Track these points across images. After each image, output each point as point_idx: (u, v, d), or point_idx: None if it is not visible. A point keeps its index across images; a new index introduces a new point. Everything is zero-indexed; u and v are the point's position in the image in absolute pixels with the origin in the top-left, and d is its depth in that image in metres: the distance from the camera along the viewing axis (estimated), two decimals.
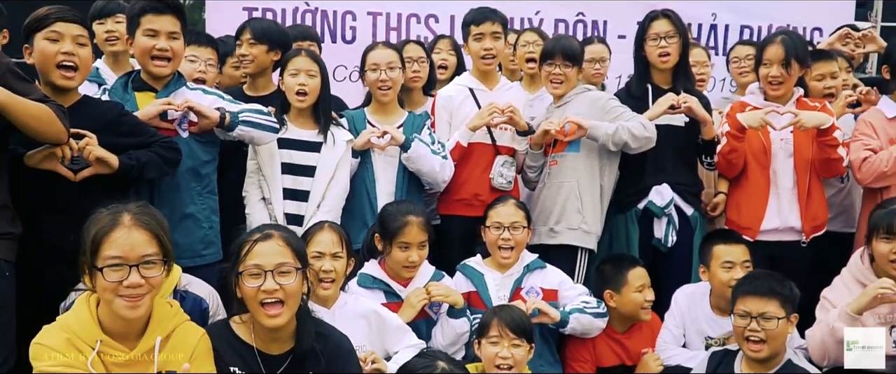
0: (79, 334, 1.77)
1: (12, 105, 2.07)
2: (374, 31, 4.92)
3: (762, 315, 2.35)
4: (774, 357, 2.41)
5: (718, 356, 2.56)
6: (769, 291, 2.40)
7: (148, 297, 1.80)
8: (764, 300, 2.37)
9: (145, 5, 2.70)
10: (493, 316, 2.34)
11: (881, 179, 3.01)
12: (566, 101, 3.06)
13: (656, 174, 3.09)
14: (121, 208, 1.86)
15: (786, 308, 2.38)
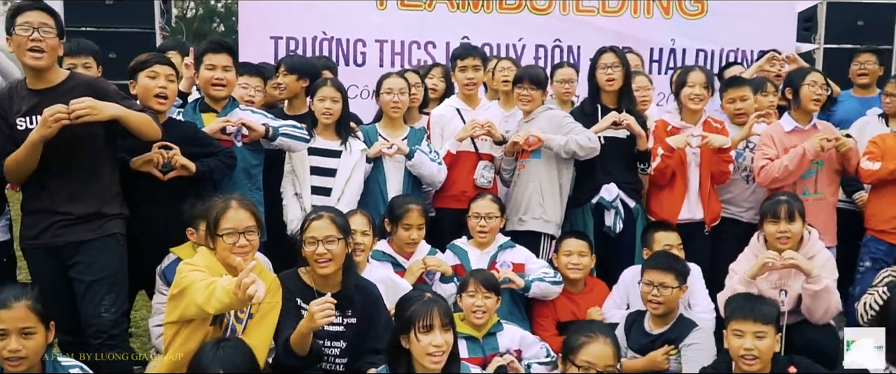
0: (210, 268, 2.58)
1: (127, 115, 2.90)
2: (381, 56, 5.77)
3: (661, 284, 3.15)
4: (670, 314, 3.21)
5: (633, 315, 3.37)
6: (667, 266, 3.20)
7: (250, 253, 2.63)
8: (663, 273, 3.17)
9: (206, 46, 3.57)
10: (470, 277, 3.17)
11: (775, 182, 3.83)
12: (532, 117, 3.89)
13: (605, 176, 3.91)
14: (228, 197, 2.71)
15: (679, 280, 3.17)
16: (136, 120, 2.92)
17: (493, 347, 3.12)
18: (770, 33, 5.96)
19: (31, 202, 2.93)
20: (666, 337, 3.16)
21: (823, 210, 3.97)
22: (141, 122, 2.94)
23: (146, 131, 2.98)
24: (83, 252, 2.86)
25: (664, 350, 3.11)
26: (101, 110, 2.76)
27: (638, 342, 3.22)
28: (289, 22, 5.74)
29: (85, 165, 2.91)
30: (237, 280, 2.26)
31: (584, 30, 5.94)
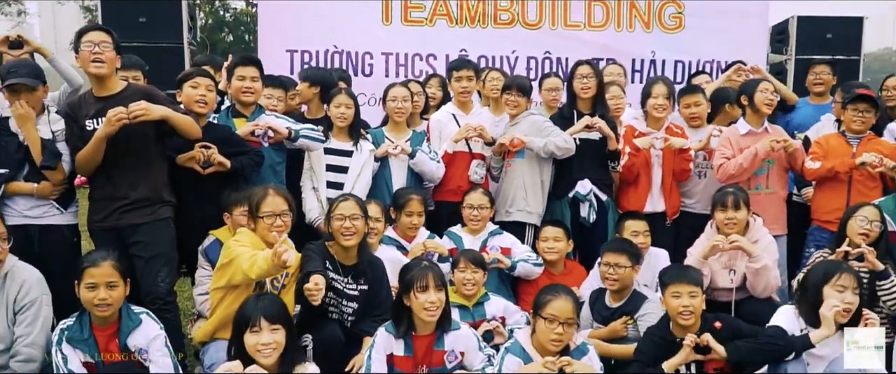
0: (252, 244, 3.17)
1: (173, 115, 3.47)
2: (387, 67, 6.39)
3: (617, 264, 3.70)
4: (625, 290, 3.76)
5: (596, 292, 3.92)
6: (621, 249, 3.74)
7: (285, 231, 3.20)
8: (617, 255, 3.71)
9: (237, 60, 4.18)
10: (460, 255, 3.75)
11: (731, 178, 4.37)
12: (517, 121, 4.47)
13: (580, 172, 4.47)
14: (266, 186, 3.31)
15: (631, 261, 3.70)
16: (180, 120, 3.51)
17: (481, 314, 3.69)
18: (743, 46, 6.53)
19: (97, 191, 3.53)
20: (623, 309, 3.72)
21: (774, 203, 4.53)
22: (184, 122, 3.53)
23: (188, 130, 3.57)
24: (140, 233, 3.44)
25: (622, 321, 3.67)
26: (153, 111, 3.35)
27: (600, 314, 3.79)
28: (303, 36, 6.38)
29: (140, 160, 3.50)
30: (273, 250, 2.85)
31: (572, 43, 6.55)
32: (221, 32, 27.20)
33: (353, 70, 6.27)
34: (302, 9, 6.32)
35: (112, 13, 6.24)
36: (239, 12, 28.03)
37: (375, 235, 3.89)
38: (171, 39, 6.31)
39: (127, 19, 6.18)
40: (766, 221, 4.32)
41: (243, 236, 3.26)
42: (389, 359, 3.08)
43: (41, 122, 3.57)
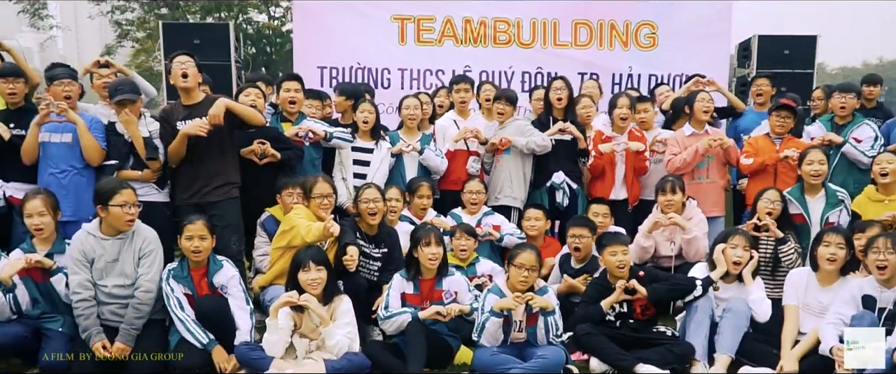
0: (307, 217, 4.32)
1: (234, 105, 4.60)
2: (402, 81, 7.55)
3: (580, 236, 4.81)
4: (586, 255, 4.83)
5: (564, 256, 4.99)
6: (583, 224, 4.85)
7: (330, 209, 4.36)
8: (580, 229, 4.82)
9: (284, 77, 5.36)
10: (457, 227, 4.87)
11: (678, 171, 5.46)
12: (505, 126, 5.59)
13: (555, 166, 5.57)
14: (317, 174, 4.48)
15: (591, 233, 4.81)
16: (240, 109, 4.63)
17: (473, 272, 4.80)
18: (708, 61, 7.60)
19: (183, 177, 4.69)
20: (584, 269, 4.82)
21: (713, 190, 5.63)
22: (245, 111, 4.64)
23: (251, 118, 4.65)
24: (217, 208, 4.58)
25: (582, 278, 4.77)
26: (220, 107, 4.49)
27: (567, 272, 4.89)
28: (331, 55, 7.58)
29: (216, 151, 4.65)
30: (324, 224, 4.04)
31: (560, 60, 7.68)
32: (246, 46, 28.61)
33: (373, 83, 7.44)
34: (330, 32, 7.52)
35: (171, 36, 7.48)
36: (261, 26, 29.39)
37: (395, 213, 5.02)
38: (220, 58, 7.51)
39: (184, 41, 7.38)
40: (707, 204, 5.44)
41: (300, 211, 4.43)
42: (402, 297, 4.21)
43: (140, 124, 4.75)
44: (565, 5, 7.67)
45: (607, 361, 4.07)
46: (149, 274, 4.02)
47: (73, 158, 4.66)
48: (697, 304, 4.22)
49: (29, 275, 4.00)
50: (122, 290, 4.01)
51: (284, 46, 27.65)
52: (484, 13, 7.64)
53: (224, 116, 4.47)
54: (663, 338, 4.23)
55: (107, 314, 4.02)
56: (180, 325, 4.00)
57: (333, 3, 7.53)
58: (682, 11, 7.68)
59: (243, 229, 4.79)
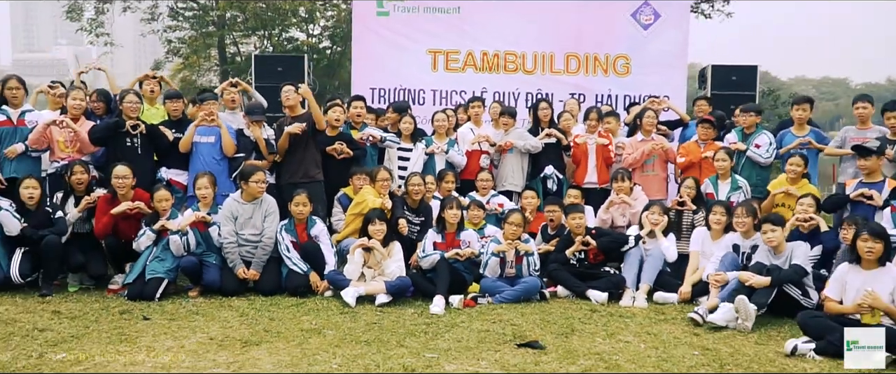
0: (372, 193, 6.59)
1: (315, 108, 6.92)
2: (434, 99, 9.80)
3: (552, 211, 6.97)
4: (558, 225, 6.99)
5: (543, 226, 7.18)
6: (555, 203, 7.02)
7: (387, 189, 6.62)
8: (553, 207, 6.95)
9: (352, 98, 7.69)
10: (471, 203, 7.06)
11: (630, 165, 7.62)
12: (509, 133, 7.79)
13: (545, 162, 7.77)
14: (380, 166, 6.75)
15: (561, 209, 6.96)
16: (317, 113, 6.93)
17: (482, 233, 6.95)
18: (669, 85, 9.79)
19: (287, 165, 6.97)
20: (556, 235, 6.97)
21: (657, 180, 7.76)
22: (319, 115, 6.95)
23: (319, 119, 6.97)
24: (307, 187, 6.81)
25: (553, 242, 6.91)
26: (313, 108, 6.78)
27: (544, 237, 7.06)
28: (380, 78, 9.84)
29: (307, 149, 6.92)
30: (382, 200, 6.29)
31: (555, 84, 9.88)
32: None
33: (411, 101, 9.70)
34: (380, 62, 9.82)
35: (260, 65, 9.82)
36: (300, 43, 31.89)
37: (430, 193, 7.23)
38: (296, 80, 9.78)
39: (269, 69, 9.75)
40: (652, 190, 7.56)
41: (368, 190, 6.71)
42: (434, 244, 6.41)
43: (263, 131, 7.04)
44: (559, 42, 9.88)
45: (569, 287, 6.24)
46: (271, 227, 6.28)
47: (214, 153, 6.93)
48: (630, 252, 6.39)
49: (195, 226, 6.27)
50: (253, 237, 6.28)
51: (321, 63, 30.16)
52: (497, 48, 9.89)
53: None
54: (607, 274, 6.38)
55: (243, 253, 6.27)
56: (288, 260, 6.24)
57: (383, 41, 9.84)
58: (649, 47, 9.83)
59: (325, 201, 7.05)
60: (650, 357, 4.55)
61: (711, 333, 5.17)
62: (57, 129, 6.63)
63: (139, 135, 6.76)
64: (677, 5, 10.13)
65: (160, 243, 6.15)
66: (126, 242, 6.26)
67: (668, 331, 5.21)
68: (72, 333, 4.90)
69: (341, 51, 31.57)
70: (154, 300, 5.80)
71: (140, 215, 6.24)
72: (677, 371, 4.32)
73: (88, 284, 6.35)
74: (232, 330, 5.01)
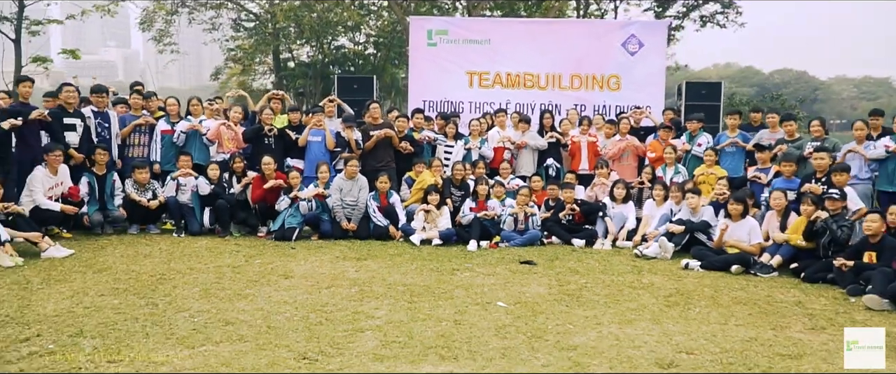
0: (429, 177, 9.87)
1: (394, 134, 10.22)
2: (471, 109, 13.03)
3: (552, 190, 10.13)
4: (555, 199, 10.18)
5: (546, 200, 10.40)
6: (554, 184, 10.21)
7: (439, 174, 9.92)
8: (554, 186, 10.15)
9: (414, 110, 10.94)
10: (495, 183, 10.27)
11: (610, 157, 10.77)
12: (524, 134, 10.98)
13: (548, 155, 10.97)
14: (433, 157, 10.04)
15: (559, 188, 10.15)
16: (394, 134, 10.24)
17: (503, 203, 10.15)
18: (651, 99, 12.85)
19: (372, 155, 10.25)
20: (555, 207, 10.16)
21: (629, 168, 10.84)
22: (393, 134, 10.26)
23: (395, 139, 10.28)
24: (386, 171, 10.08)
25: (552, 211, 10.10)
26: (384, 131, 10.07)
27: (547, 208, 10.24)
28: (430, 93, 13.11)
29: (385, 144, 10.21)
30: (435, 180, 9.54)
31: (562, 97, 13.05)
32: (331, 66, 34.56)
33: (453, 110, 12.94)
34: (430, 80, 13.09)
35: (343, 83, 13.16)
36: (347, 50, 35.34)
37: (468, 175, 10.47)
38: (367, 96, 13.09)
39: (348, 86, 13.11)
40: (626, 175, 10.68)
41: (426, 174, 9.96)
42: (470, 209, 9.63)
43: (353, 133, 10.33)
44: (566, 65, 13.03)
45: (559, 237, 9.42)
46: (363, 196, 9.56)
47: (321, 148, 10.25)
48: (604, 216, 9.54)
49: (316, 197, 9.56)
50: (352, 202, 9.56)
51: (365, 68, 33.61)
52: (518, 70, 13.08)
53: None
54: (586, 229, 9.54)
55: (346, 212, 9.56)
56: (374, 217, 9.51)
57: (432, 65, 13.11)
58: (635, 69, 12.94)
59: (397, 180, 10.32)
60: (600, 269, 7.73)
61: (644, 260, 8.31)
62: (225, 130, 10.00)
63: (273, 136, 10.10)
64: (657, 38, 13.21)
65: (293, 206, 9.46)
66: (270, 205, 9.57)
67: (618, 260, 8.35)
68: (252, 253, 8.22)
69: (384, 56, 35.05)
70: (291, 240, 9.09)
71: (280, 187, 9.56)
72: (615, 275, 7.45)
73: (244, 231, 9.68)
74: (346, 254, 8.29)
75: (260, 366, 4.32)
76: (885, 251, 6.67)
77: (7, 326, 5.07)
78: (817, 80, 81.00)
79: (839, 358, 4.65)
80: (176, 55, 36.93)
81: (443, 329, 5.19)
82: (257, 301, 5.93)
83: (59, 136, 8.94)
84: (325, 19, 32.54)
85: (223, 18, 34.83)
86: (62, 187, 8.72)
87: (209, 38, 35.59)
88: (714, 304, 6.20)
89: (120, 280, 6.61)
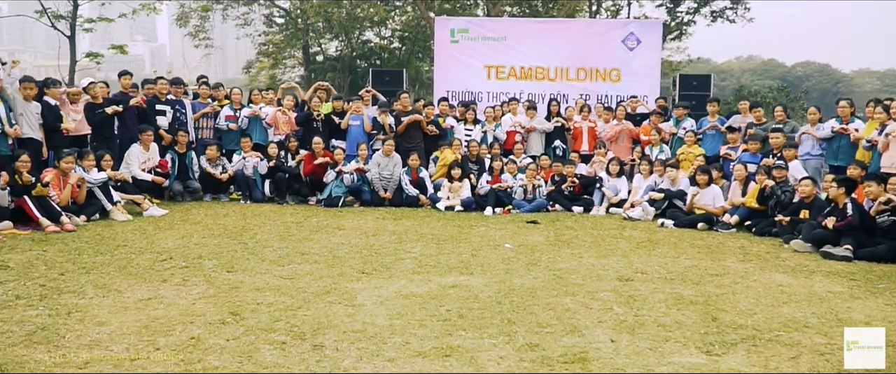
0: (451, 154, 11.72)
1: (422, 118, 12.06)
2: (488, 98, 14.84)
3: (557, 167, 11.94)
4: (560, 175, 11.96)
5: (552, 176, 12.18)
6: (559, 161, 12.00)
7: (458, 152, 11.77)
8: (559, 164, 11.96)
9: (440, 99, 12.77)
10: (509, 161, 12.08)
11: (608, 139, 12.51)
12: (533, 119, 12.77)
13: (555, 138, 12.74)
14: (454, 138, 11.88)
15: (562, 165, 11.93)
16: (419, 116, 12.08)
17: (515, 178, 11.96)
18: (647, 89, 14.59)
19: (404, 137, 12.09)
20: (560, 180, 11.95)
21: (624, 148, 12.59)
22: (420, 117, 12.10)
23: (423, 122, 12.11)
24: (416, 150, 11.92)
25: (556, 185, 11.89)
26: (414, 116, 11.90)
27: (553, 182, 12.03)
28: (453, 85, 14.94)
29: (416, 127, 12.05)
30: (455, 156, 11.38)
31: (569, 88, 14.82)
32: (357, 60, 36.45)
33: (473, 99, 14.74)
34: (452, 73, 14.91)
35: (376, 76, 15.02)
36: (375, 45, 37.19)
37: (484, 154, 12.28)
38: (397, 87, 14.92)
39: (382, 79, 14.97)
40: (621, 153, 12.42)
41: (448, 152, 11.79)
42: (486, 181, 11.44)
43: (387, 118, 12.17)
44: (572, 59, 14.79)
45: (562, 205, 11.21)
46: (397, 170, 11.41)
47: (360, 131, 12.09)
48: (601, 187, 11.30)
49: (357, 171, 11.41)
50: (387, 175, 11.41)
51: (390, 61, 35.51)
52: (531, 64, 14.85)
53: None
54: (585, 199, 11.32)
55: (382, 184, 11.41)
56: (407, 188, 11.36)
57: (454, 60, 14.92)
58: (633, 63, 14.66)
59: (425, 157, 12.15)
60: (591, 226, 9.52)
61: (629, 221, 10.08)
62: (281, 115, 11.89)
63: (320, 120, 11.99)
64: (653, 36, 14.91)
65: (338, 178, 11.33)
66: (319, 178, 11.45)
67: (608, 221, 10.13)
68: (307, 215, 10.09)
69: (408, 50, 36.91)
70: (337, 207, 10.97)
71: (328, 163, 11.43)
72: (602, 230, 9.23)
73: (297, 200, 11.56)
74: (385, 216, 10.15)
75: (333, 276, 6.17)
76: (815, 209, 8.38)
77: (145, 253, 6.98)
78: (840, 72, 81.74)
79: (753, 279, 6.42)
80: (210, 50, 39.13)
81: (462, 258, 7.03)
82: (321, 242, 7.79)
83: (152, 119, 10.87)
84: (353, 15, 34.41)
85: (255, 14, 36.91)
86: (152, 161, 10.66)
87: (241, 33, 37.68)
88: (674, 248, 7.97)
89: (212, 230, 8.52)
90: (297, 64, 39.37)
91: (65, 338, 4.27)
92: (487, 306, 5.20)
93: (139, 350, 4.08)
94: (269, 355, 4.06)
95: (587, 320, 4.91)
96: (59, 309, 4.87)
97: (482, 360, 4.05)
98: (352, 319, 4.80)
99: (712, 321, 4.92)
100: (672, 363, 4.06)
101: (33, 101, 9.32)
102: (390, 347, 4.23)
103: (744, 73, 73.79)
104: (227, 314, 4.83)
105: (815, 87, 68.56)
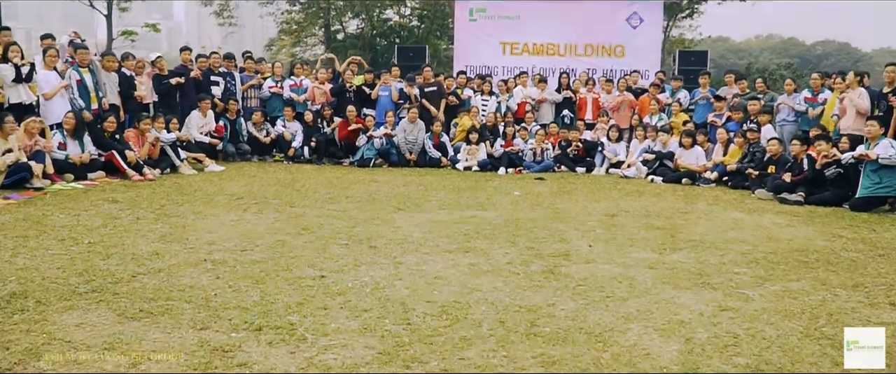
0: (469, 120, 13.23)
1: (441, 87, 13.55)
2: (503, 72, 16.26)
3: (565, 134, 13.39)
4: (567, 141, 13.41)
5: (559, 141, 13.64)
6: (566, 128, 13.46)
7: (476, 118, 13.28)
8: (565, 130, 13.42)
9: (458, 72, 14.26)
10: (520, 128, 13.54)
11: (610, 108, 13.92)
12: (544, 91, 14.20)
13: (563, 107, 14.18)
14: (472, 105, 13.40)
15: (568, 132, 13.39)
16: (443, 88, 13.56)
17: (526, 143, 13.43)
18: (649, 64, 15.94)
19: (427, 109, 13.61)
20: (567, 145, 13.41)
21: (625, 117, 13.94)
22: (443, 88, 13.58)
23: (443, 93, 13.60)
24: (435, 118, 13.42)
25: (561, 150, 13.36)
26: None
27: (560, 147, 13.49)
28: (471, 60, 16.40)
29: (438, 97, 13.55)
30: (473, 123, 12.88)
31: (577, 63, 16.22)
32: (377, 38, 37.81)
33: (489, 73, 16.19)
34: (470, 49, 16.36)
35: (401, 53, 16.51)
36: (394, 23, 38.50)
37: (499, 122, 13.76)
38: (421, 62, 16.35)
39: (406, 55, 16.45)
40: (622, 121, 13.84)
41: (466, 119, 13.27)
42: (500, 145, 12.92)
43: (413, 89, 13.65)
44: (581, 36, 16.18)
45: (566, 166, 12.69)
46: (421, 135, 12.92)
47: (389, 100, 13.59)
48: (602, 151, 12.76)
49: (386, 136, 12.93)
50: (412, 139, 12.92)
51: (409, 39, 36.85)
52: (542, 40, 16.26)
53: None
54: (587, 161, 12.78)
55: (408, 147, 12.94)
56: (430, 151, 12.87)
57: (472, 37, 16.37)
58: (636, 40, 16.03)
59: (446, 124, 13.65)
60: (590, 182, 11.00)
61: (626, 180, 11.55)
62: (317, 88, 13.43)
63: (352, 91, 13.51)
64: (655, 15, 16.25)
65: (369, 142, 12.86)
66: (351, 142, 12.98)
67: (606, 179, 11.60)
68: (343, 173, 11.64)
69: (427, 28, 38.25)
70: (368, 166, 12.51)
71: (359, 129, 12.97)
72: (599, 185, 10.70)
73: (333, 161, 13.11)
74: (412, 174, 11.68)
75: (375, 210, 7.72)
76: (780, 165, 9.81)
77: (220, 195, 8.56)
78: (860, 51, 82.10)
79: (715, 215, 7.89)
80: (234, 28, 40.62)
81: (478, 201, 8.56)
82: (360, 191, 9.34)
83: (208, 89, 12.44)
84: None
85: None
86: (209, 126, 12.24)
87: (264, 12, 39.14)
88: (657, 197, 9.45)
89: (266, 181, 10.09)
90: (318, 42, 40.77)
91: (188, 240, 5.86)
92: (498, 228, 6.74)
93: (245, 246, 5.67)
94: (337, 250, 5.62)
95: (574, 236, 6.44)
96: (174, 224, 6.48)
97: (493, 254, 5.59)
98: (394, 233, 6.36)
99: (670, 238, 6.43)
100: (629, 258, 5.58)
101: (112, 72, 10.91)
102: (425, 247, 5.79)
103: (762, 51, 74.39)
104: (300, 229, 6.41)
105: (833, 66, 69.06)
